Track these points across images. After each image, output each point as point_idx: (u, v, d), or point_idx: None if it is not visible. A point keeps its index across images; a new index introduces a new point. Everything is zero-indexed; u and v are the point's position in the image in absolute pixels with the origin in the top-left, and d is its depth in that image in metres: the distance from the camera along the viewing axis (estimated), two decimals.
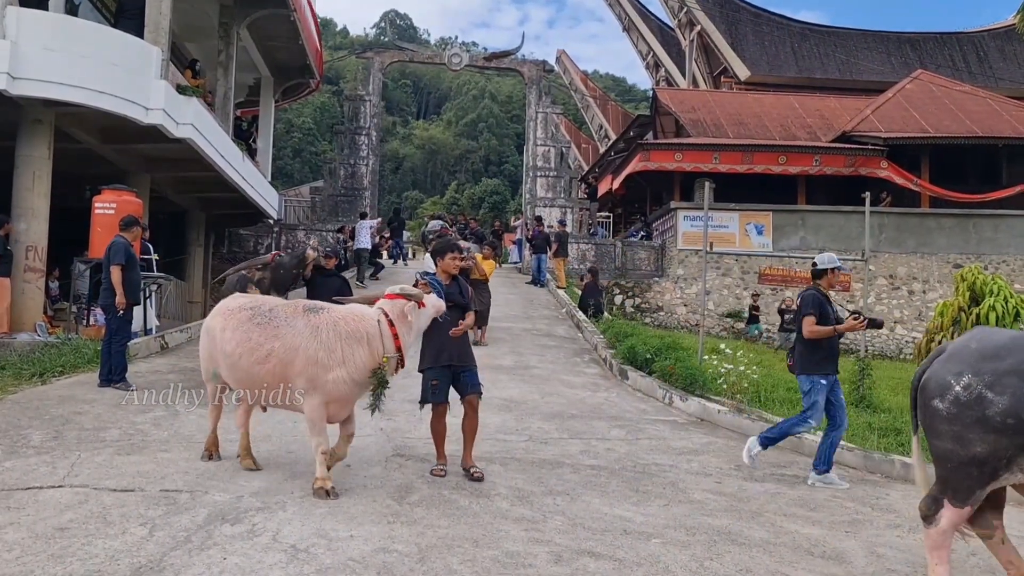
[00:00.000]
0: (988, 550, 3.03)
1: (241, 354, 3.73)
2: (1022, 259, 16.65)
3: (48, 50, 8.22)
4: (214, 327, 3.94)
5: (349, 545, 3.05)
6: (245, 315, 3.81)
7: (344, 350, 3.58)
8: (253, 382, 3.77)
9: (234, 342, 3.77)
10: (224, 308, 4.00)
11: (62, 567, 2.73)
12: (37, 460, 4.09)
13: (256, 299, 4.04)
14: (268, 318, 3.73)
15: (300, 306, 3.81)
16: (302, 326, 3.65)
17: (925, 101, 19.52)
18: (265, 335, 3.69)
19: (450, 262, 4.30)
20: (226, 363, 3.84)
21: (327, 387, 3.58)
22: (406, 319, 3.72)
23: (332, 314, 3.70)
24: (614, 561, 3.10)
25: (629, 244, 18.09)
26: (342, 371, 3.57)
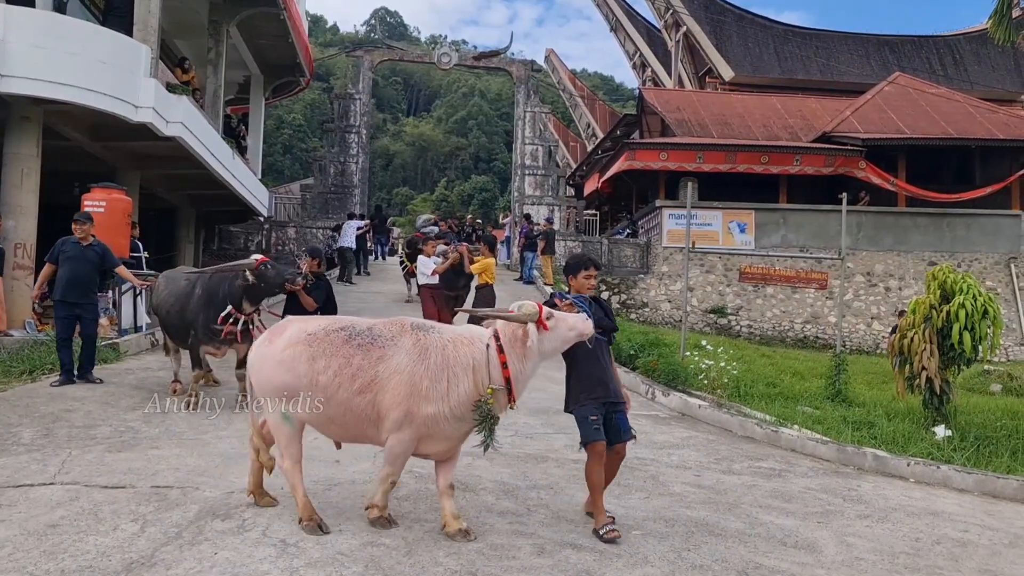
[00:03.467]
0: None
1: (340, 384, 3.11)
2: (994, 257, 17.07)
3: (36, 48, 8.16)
4: (295, 357, 3.19)
5: (337, 539, 3.15)
6: (340, 337, 3.18)
7: (450, 379, 3.08)
8: (349, 417, 3.14)
9: (331, 371, 3.11)
10: (304, 333, 3.24)
11: (54, 563, 2.79)
12: (28, 458, 4.13)
13: (344, 319, 3.39)
14: (370, 338, 3.16)
15: (407, 324, 3.24)
16: (409, 345, 3.13)
17: (902, 103, 19.91)
18: (369, 359, 3.11)
19: (584, 281, 3.69)
20: (317, 399, 3.16)
21: (422, 422, 3.07)
22: (519, 344, 3.13)
23: (443, 335, 3.18)
24: (595, 552, 3.22)
25: (615, 241, 18.28)
26: (443, 406, 3.07)
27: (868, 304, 16.91)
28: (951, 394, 6.45)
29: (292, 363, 3.18)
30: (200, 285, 5.64)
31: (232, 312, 5.40)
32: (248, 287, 5.36)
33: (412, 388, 3.05)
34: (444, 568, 2.92)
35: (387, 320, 3.32)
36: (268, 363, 3.26)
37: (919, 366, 6.41)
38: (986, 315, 6.40)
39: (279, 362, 3.22)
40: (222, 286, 5.45)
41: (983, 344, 6.44)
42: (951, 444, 5.63)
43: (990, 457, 5.43)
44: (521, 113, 20.61)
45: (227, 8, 12.91)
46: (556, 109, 36.09)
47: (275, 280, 5.38)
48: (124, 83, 8.95)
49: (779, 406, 6.80)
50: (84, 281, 6.18)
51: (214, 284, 5.52)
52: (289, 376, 3.18)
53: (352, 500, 3.69)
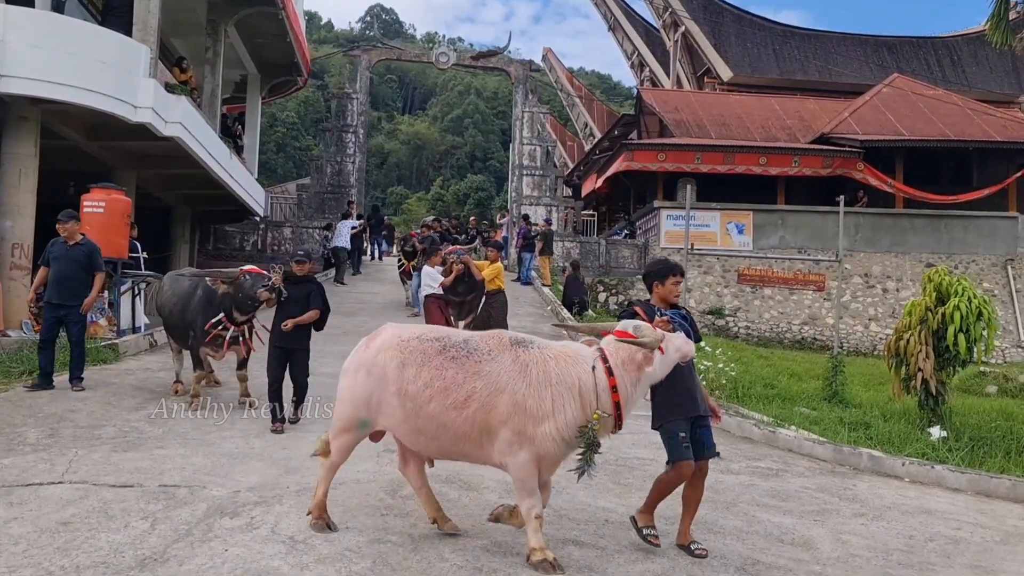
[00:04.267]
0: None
1: (432, 396, 2.97)
2: (991, 259, 17.21)
3: (36, 48, 8.17)
4: (384, 363, 3.10)
5: (345, 536, 3.21)
6: (434, 347, 3.06)
7: (555, 399, 2.90)
8: (442, 432, 3.00)
9: (421, 381, 3.00)
10: (397, 338, 3.16)
11: (69, 559, 2.85)
12: (35, 457, 4.17)
13: (440, 329, 3.30)
14: (466, 351, 3.03)
15: (505, 338, 3.13)
16: (508, 362, 2.97)
17: (900, 105, 20.03)
18: (464, 372, 2.97)
19: (672, 288, 3.45)
20: (405, 408, 3.03)
21: (536, 441, 2.90)
22: (633, 367, 2.96)
23: (544, 351, 3.03)
24: (597, 549, 3.29)
25: (613, 242, 18.36)
26: (551, 425, 2.89)
27: (866, 305, 17.03)
28: (946, 395, 6.54)
29: (382, 368, 3.10)
30: (201, 287, 5.68)
31: (223, 320, 5.42)
32: (231, 296, 5.38)
33: (516, 407, 2.89)
34: (450, 564, 2.98)
35: (484, 333, 3.22)
36: (362, 369, 3.18)
37: (915, 367, 6.50)
38: (980, 317, 6.49)
39: (372, 366, 3.14)
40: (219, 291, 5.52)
41: (978, 346, 6.53)
42: (946, 444, 5.72)
43: (984, 457, 5.52)
44: (519, 113, 20.67)
45: (225, 7, 12.92)
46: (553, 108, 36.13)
47: (249, 291, 5.31)
48: (123, 83, 8.97)
49: (776, 407, 6.88)
50: (69, 281, 5.94)
51: (213, 288, 5.57)
52: (377, 383, 3.10)
53: (358, 499, 3.75)
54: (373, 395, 3.11)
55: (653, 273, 3.53)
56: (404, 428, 3.09)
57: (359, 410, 3.16)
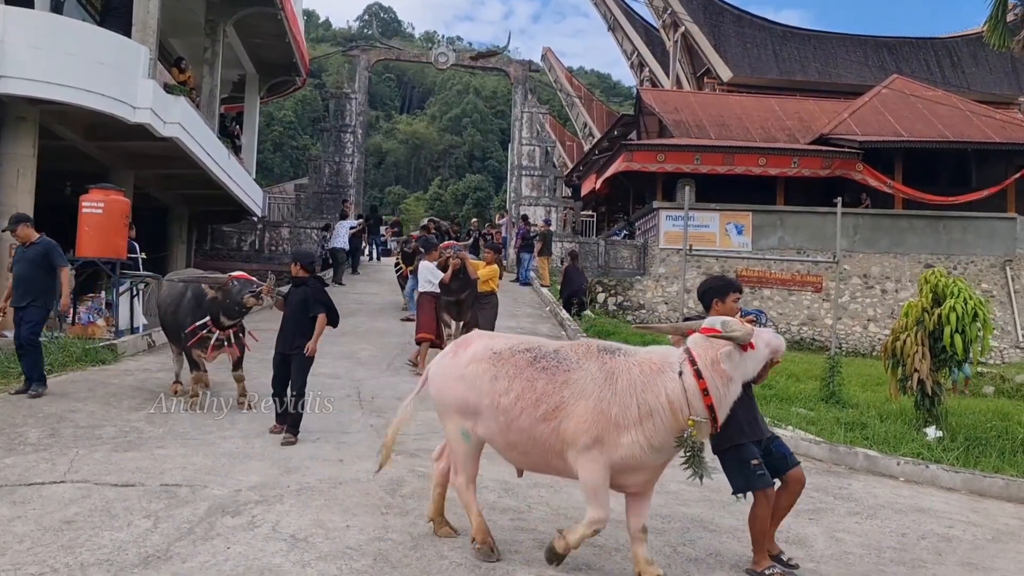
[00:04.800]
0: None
1: (523, 409, 2.91)
2: (989, 259, 17.25)
3: (35, 48, 8.19)
4: (478, 374, 3.03)
5: (346, 534, 3.24)
6: (525, 359, 3.00)
7: (640, 407, 2.82)
8: (532, 446, 2.93)
9: (513, 395, 2.93)
10: (489, 351, 3.08)
11: (73, 557, 2.88)
12: (36, 457, 4.20)
13: (529, 339, 3.19)
14: (555, 361, 2.96)
15: (593, 346, 3.03)
16: (595, 370, 2.90)
17: (899, 106, 20.09)
18: (554, 383, 2.90)
19: (733, 306, 3.28)
20: (498, 422, 2.98)
21: (617, 452, 2.82)
22: (724, 366, 2.82)
23: (630, 359, 2.94)
24: (594, 547, 3.33)
25: (612, 243, 18.39)
26: (638, 435, 2.81)
27: (864, 306, 17.07)
28: (942, 396, 6.58)
29: (473, 380, 3.04)
30: (191, 289, 5.70)
31: (208, 324, 5.40)
32: (219, 302, 5.34)
33: (599, 414, 2.81)
34: (449, 561, 3.02)
35: (573, 342, 3.15)
36: (450, 377, 3.14)
37: (911, 368, 6.54)
38: (976, 318, 6.53)
39: (460, 377, 3.09)
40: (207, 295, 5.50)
41: (974, 347, 6.57)
42: (941, 444, 5.76)
43: (979, 457, 5.56)
44: (518, 114, 20.69)
45: (224, 8, 12.93)
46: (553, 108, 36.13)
47: (236, 296, 5.28)
48: (122, 84, 8.98)
49: (774, 407, 6.91)
50: (27, 282, 5.76)
51: (202, 291, 5.57)
52: (470, 393, 3.05)
53: (358, 498, 3.78)
54: (467, 405, 3.06)
55: (713, 290, 3.35)
56: (498, 441, 3.06)
57: (457, 420, 3.12)
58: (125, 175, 11.39)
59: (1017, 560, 3.67)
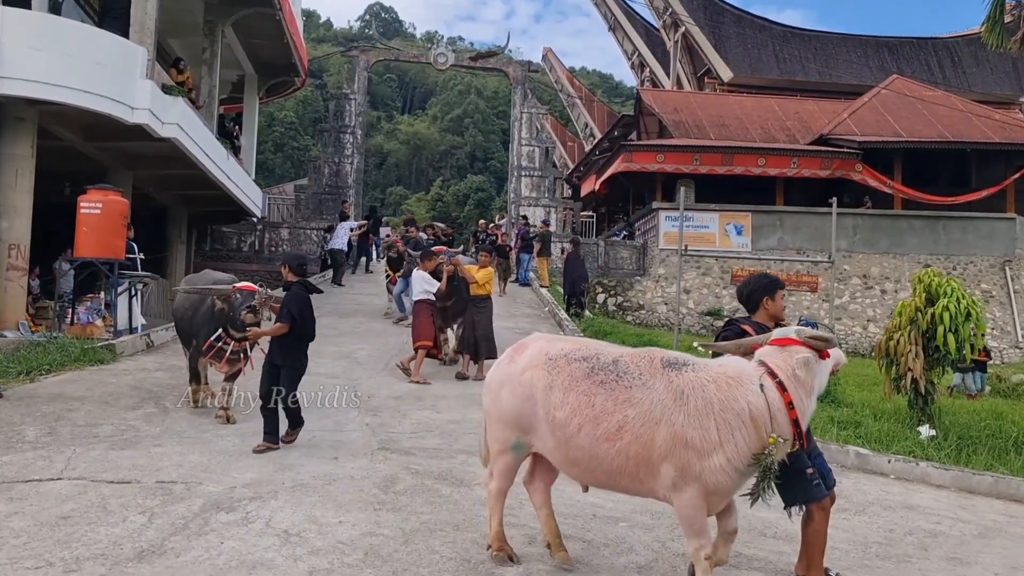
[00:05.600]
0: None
1: (580, 425, 2.68)
2: (989, 260, 17.26)
3: (33, 49, 8.25)
4: (532, 382, 2.82)
5: (338, 530, 3.29)
6: (581, 369, 2.76)
7: (720, 427, 2.58)
8: (595, 465, 2.71)
9: (568, 408, 2.71)
10: (544, 356, 2.85)
11: (69, 551, 2.92)
12: (34, 455, 4.25)
13: (589, 345, 2.93)
14: (616, 375, 2.70)
15: (656, 359, 2.76)
16: (662, 389, 2.65)
17: (899, 106, 20.09)
18: (614, 400, 2.66)
19: (781, 302, 3.22)
20: (555, 436, 2.76)
21: (704, 477, 2.59)
22: (803, 378, 2.62)
23: (700, 373, 2.68)
24: (583, 542, 3.37)
25: (612, 243, 18.42)
26: (719, 457, 2.58)
27: (864, 307, 17.08)
28: (935, 395, 6.61)
29: (528, 388, 2.82)
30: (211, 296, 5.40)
31: (222, 335, 5.19)
32: (226, 313, 5.11)
33: (676, 441, 2.57)
34: (439, 556, 3.06)
35: (634, 352, 2.85)
36: (506, 386, 2.92)
37: (905, 367, 6.57)
38: (969, 317, 6.56)
39: (517, 384, 2.87)
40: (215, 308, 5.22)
41: (966, 346, 6.60)
42: (934, 443, 5.79)
43: (971, 455, 5.59)
44: (518, 114, 20.74)
45: (222, 8, 12.99)
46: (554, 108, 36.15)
47: (237, 311, 5.01)
48: (120, 84, 9.04)
49: None
50: None
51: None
52: (526, 404, 2.82)
53: (351, 494, 3.82)
54: (522, 415, 2.85)
55: (763, 288, 3.21)
56: (556, 456, 2.84)
57: (509, 430, 2.91)
58: (124, 175, 11.44)
59: (1001, 555, 3.71)
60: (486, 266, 7.61)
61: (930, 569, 3.45)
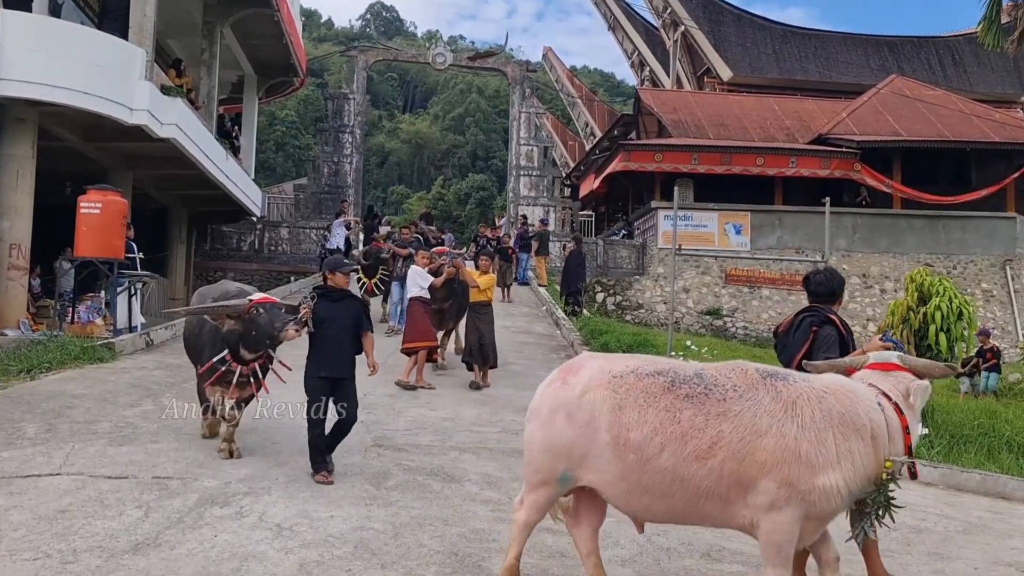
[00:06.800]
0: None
1: (664, 444, 2.43)
2: (989, 259, 17.26)
3: (33, 51, 8.33)
4: (595, 404, 2.53)
5: (329, 524, 3.36)
6: (658, 384, 2.51)
7: (839, 443, 2.38)
8: (677, 488, 2.44)
9: (648, 426, 2.45)
10: (607, 374, 2.58)
11: (66, 543, 3.00)
12: (33, 451, 4.32)
13: (656, 360, 2.71)
14: (704, 388, 2.49)
15: (750, 370, 2.56)
16: (768, 400, 2.43)
17: (898, 105, 20.10)
18: (705, 414, 2.43)
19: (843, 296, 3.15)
20: (625, 461, 2.48)
21: (811, 497, 2.35)
22: (915, 403, 2.52)
23: (811, 385, 2.49)
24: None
25: (611, 243, 18.48)
26: (835, 476, 2.36)
27: (864, 306, 17.10)
28: None
29: (589, 412, 2.53)
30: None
31: (227, 359, 4.36)
32: (242, 335, 4.29)
33: (786, 454, 2.35)
34: (428, 549, 3.13)
35: (717, 365, 2.64)
36: (559, 411, 2.59)
37: None
38: (961, 317, 6.62)
39: (576, 409, 2.55)
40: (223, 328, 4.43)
41: (958, 345, 6.66)
42: (927, 440, 5.83)
43: (961, 454, 5.64)
44: (516, 114, 20.79)
45: (221, 9, 13.07)
46: (555, 108, 36.18)
47: (266, 329, 4.21)
48: (119, 86, 9.10)
49: None
50: None
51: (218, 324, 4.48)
52: (584, 431, 2.53)
53: (343, 490, 3.89)
54: (576, 444, 2.54)
55: (843, 284, 3.34)
56: (620, 486, 2.52)
57: (557, 461, 2.59)
58: (123, 176, 11.52)
59: (983, 550, 3.76)
60: (487, 271, 7.33)
61: (911, 564, 3.50)
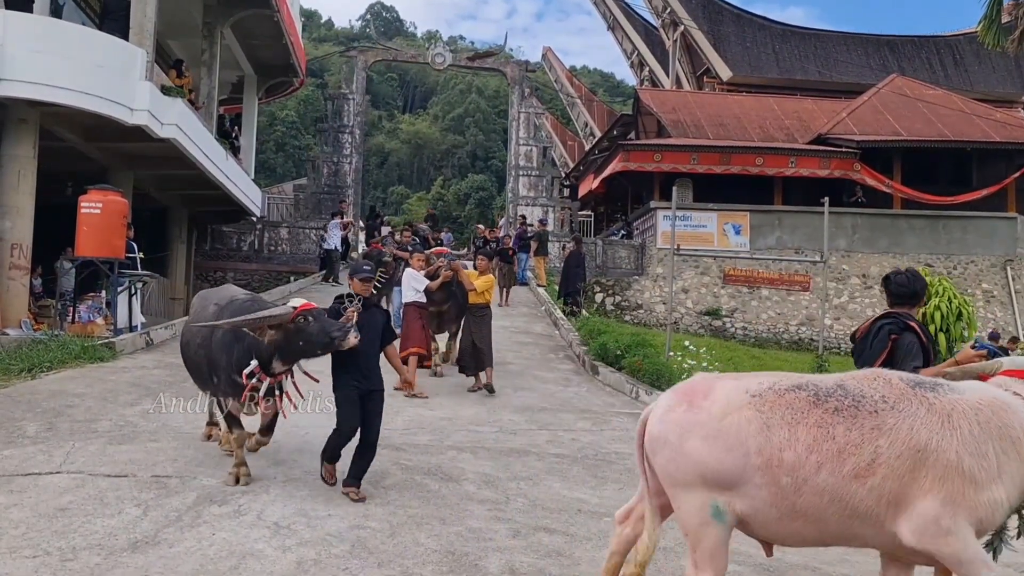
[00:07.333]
0: None
1: (820, 463, 2.25)
2: (990, 259, 17.25)
3: (34, 52, 8.36)
4: (740, 426, 2.34)
5: (327, 522, 3.38)
6: (801, 399, 2.35)
7: (998, 456, 2.26)
8: (831, 510, 2.27)
9: (801, 445, 2.27)
10: (744, 393, 2.40)
11: (65, 541, 3.02)
12: (33, 449, 4.35)
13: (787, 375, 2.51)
14: (852, 400, 2.32)
15: (894, 380, 2.39)
16: (923, 412, 2.29)
17: (898, 105, 20.09)
18: (860, 428, 2.27)
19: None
20: (778, 484, 2.28)
21: (978, 514, 2.22)
22: None
23: (962, 395, 2.36)
24: (566, 536, 3.45)
25: (610, 243, 18.50)
26: (999, 491, 2.23)
27: (864, 306, 17.09)
28: None
29: (737, 436, 2.32)
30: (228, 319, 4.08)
31: (256, 371, 3.92)
32: (281, 346, 3.89)
33: (949, 469, 2.22)
34: (425, 548, 3.15)
35: (857, 375, 2.46)
36: (696, 437, 2.36)
37: None
38: (960, 317, 6.65)
39: (716, 434, 2.34)
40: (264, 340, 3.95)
41: (958, 345, 6.68)
42: None
43: None
44: (515, 114, 20.81)
45: (221, 10, 13.10)
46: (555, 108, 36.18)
47: (318, 338, 3.82)
48: (120, 86, 9.14)
49: None
50: None
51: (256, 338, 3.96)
52: (731, 455, 2.31)
53: (341, 489, 3.90)
54: (724, 469, 2.32)
55: (926, 287, 3.22)
56: (770, 513, 2.31)
57: (704, 493, 2.36)
58: (124, 176, 11.56)
59: None
60: (485, 272, 7.15)
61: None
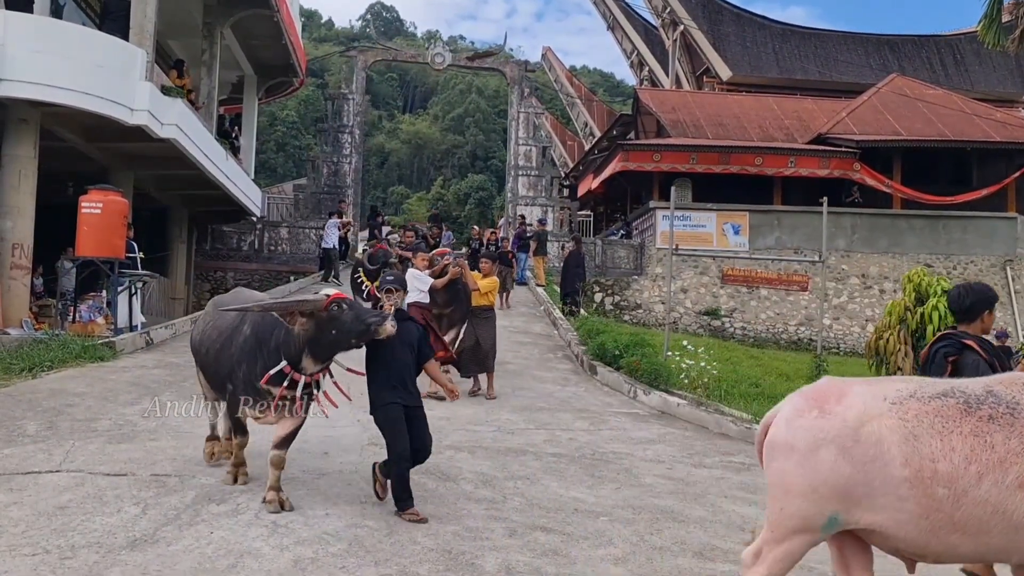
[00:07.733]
0: None
1: (981, 474, 2.17)
2: (989, 259, 17.25)
3: (35, 52, 8.39)
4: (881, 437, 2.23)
5: (324, 521, 3.40)
6: (950, 406, 2.26)
7: None
8: (992, 523, 2.19)
9: (958, 455, 2.19)
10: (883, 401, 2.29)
11: (64, 539, 3.04)
12: (34, 448, 4.37)
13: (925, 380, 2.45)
14: (1006, 407, 2.23)
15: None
16: None
17: (898, 104, 20.09)
18: (1019, 436, 2.20)
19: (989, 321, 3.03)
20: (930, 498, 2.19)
21: None
22: None
23: None
24: (563, 535, 3.47)
25: (609, 243, 18.52)
26: None
27: (863, 306, 17.10)
28: None
29: (874, 447, 2.21)
30: (250, 323, 3.79)
31: (286, 371, 3.55)
32: (312, 338, 3.53)
33: None
34: (421, 547, 3.17)
35: (1001, 378, 2.37)
36: (830, 445, 2.24)
37: (895, 367, 6.68)
38: None
39: (853, 443, 2.22)
40: (277, 329, 3.61)
41: None
42: None
43: None
44: (515, 114, 20.82)
45: (221, 10, 13.13)
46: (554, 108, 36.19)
47: (354, 327, 3.50)
48: (120, 86, 9.17)
49: (759, 406, 7.00)
50: None
51: (268, 324, 3.67)
52: (869, 468, 2.21)
53: (339, 488, 3.93)
54: (856, 483, 2.22)
55: (986, 300, 3.05)
56: (921, 525, 2.21)
57: (825, 504, 2.25)
58: (124, 176, 11.59)
59: None
60: (489, 274, 7.08)
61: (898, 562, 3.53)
